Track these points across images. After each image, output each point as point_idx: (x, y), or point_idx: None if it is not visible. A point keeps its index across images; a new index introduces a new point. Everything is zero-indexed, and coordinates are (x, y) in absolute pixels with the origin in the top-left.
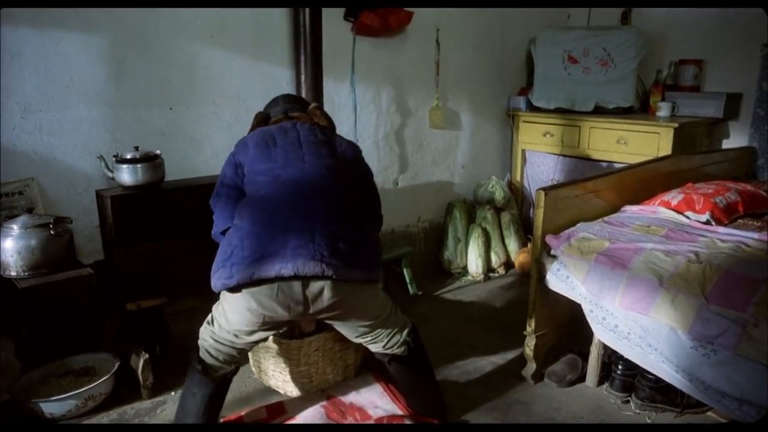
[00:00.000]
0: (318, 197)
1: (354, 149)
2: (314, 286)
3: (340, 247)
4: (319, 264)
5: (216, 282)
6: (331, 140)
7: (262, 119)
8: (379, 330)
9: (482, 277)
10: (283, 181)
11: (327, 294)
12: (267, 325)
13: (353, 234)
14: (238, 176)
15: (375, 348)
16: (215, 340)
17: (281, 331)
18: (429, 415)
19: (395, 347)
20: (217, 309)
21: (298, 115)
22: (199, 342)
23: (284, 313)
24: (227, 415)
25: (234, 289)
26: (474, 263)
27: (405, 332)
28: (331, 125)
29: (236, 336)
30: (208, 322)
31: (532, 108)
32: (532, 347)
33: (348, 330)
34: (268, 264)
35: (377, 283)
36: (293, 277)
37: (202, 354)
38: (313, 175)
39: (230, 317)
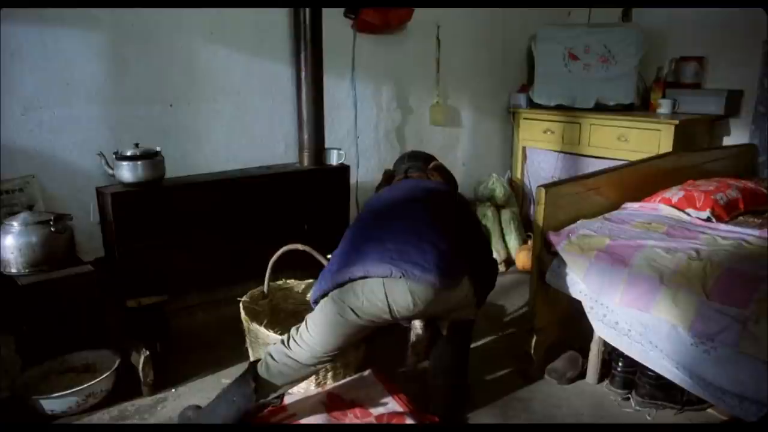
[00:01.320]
0: (398, 216)
1: (447, 199)
2: (393, 288)
3: (411, 252)
4: (388, 266)
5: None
6: (425, 187)
7: (387, 178)
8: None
9: None
10: (370, 210)
11: (406, 295)
12: (353, 333)
13: (430, 243)
14: None
15: None
16: (284, 363)
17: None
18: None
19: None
20: (296, 330)
21: (417, 175)
22: (266, 357)
23: (370, 315)
24: None
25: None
26: None
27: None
28: (448, 181)
29: (313, 356)
30: (283, 342)
31: (532, 105)
32: (532, 344)
33: None
34: (345, 270)
35: (455, 287)
36: (373, 279)
37: (262, 370)
38: (398, 202)
39: (315, 333)
